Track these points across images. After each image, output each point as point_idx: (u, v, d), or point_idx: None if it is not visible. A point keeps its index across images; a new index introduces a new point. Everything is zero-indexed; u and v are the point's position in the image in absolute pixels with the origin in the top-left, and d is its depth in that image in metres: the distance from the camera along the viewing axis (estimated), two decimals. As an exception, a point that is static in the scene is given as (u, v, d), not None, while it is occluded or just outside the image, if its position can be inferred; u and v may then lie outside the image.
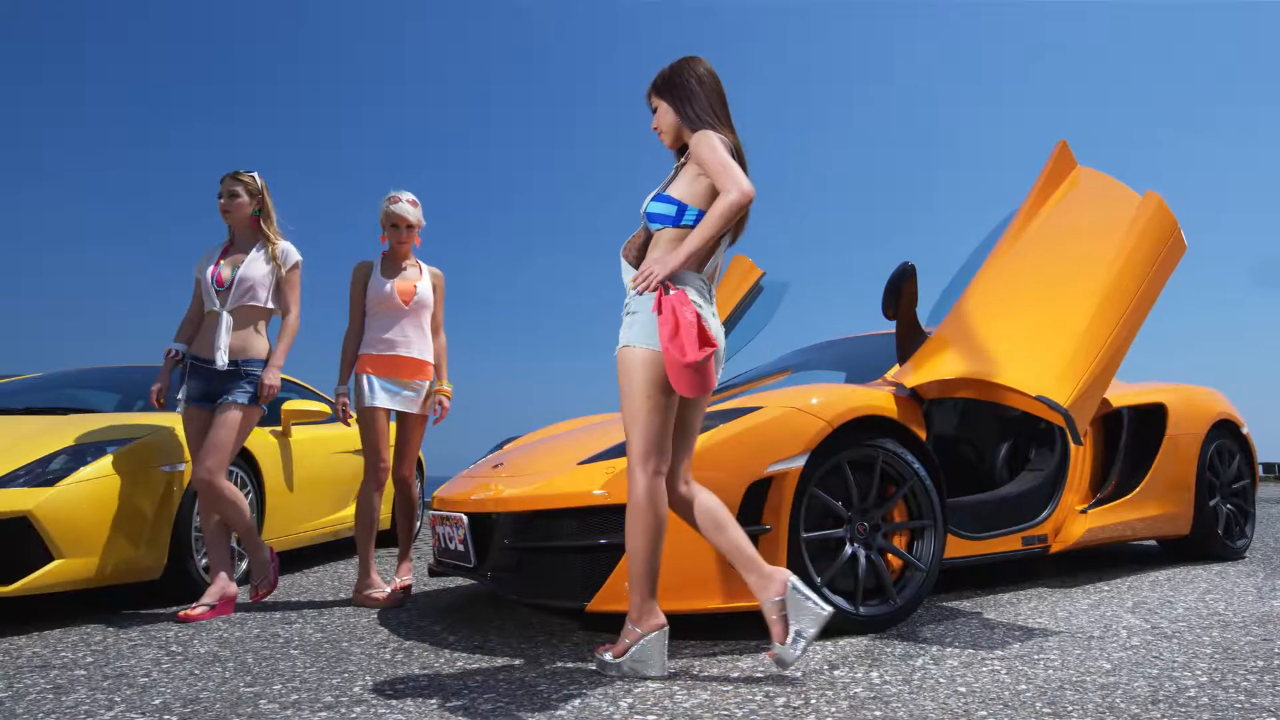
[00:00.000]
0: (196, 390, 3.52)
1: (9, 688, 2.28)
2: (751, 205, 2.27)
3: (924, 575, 2.99)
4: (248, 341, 3.55)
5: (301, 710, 2.03)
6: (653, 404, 2.27)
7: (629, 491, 2.30)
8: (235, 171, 3.67)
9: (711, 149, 2.31)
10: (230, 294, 3.51)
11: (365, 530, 3.72)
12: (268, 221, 3.67)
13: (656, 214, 2.39)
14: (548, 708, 2.03)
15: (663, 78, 2.50)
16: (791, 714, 1.95)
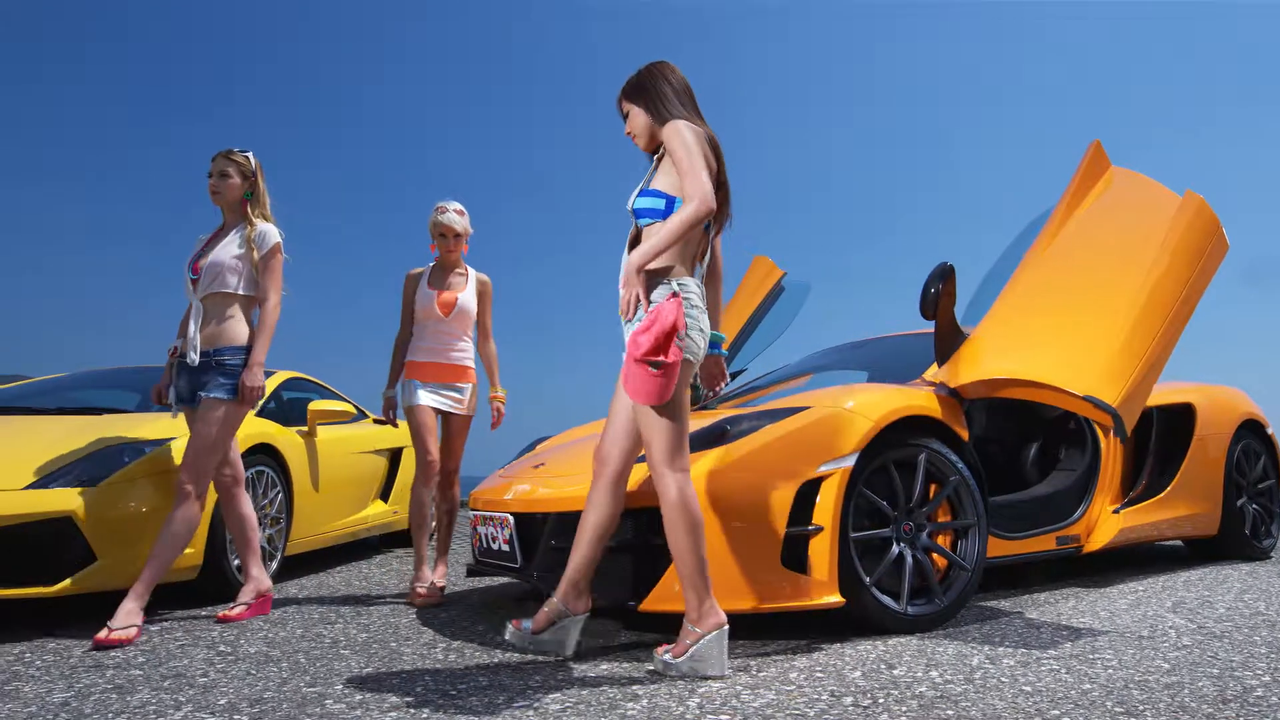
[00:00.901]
0: (184, 389, 3.29)
1: (69, 688, 2.28)
2: (720, 209, 2.40)
3: (969, 575, 3.00)
4: (220, 330, 3.24)
5: (370, 710, 2.03)
6: (668, 404, 2.28)
7: (661, 494, 2.31)
8: (228, 150, 3.37)
9: (684, 145, 2.31)
10: (200, 281, 3.24)
11: (418, 526, 3.82)
12: (255, 205, 3.38)
13: (645, 209, 2.40)
14: (616, 708, 2.03)
15: (631, 84, 2.52)
16: (862, 713, 1.96)
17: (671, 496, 2.28)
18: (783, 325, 5.54)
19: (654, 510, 2.67)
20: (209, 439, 3.14)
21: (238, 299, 3.27)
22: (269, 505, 4.17)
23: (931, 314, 3.44)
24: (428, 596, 3.65)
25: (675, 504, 2.29)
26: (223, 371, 3.20)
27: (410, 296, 3.96)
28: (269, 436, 4.18)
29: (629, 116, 2.54)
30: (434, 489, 3.88)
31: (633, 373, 2.24)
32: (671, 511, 2.29)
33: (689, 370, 2.35)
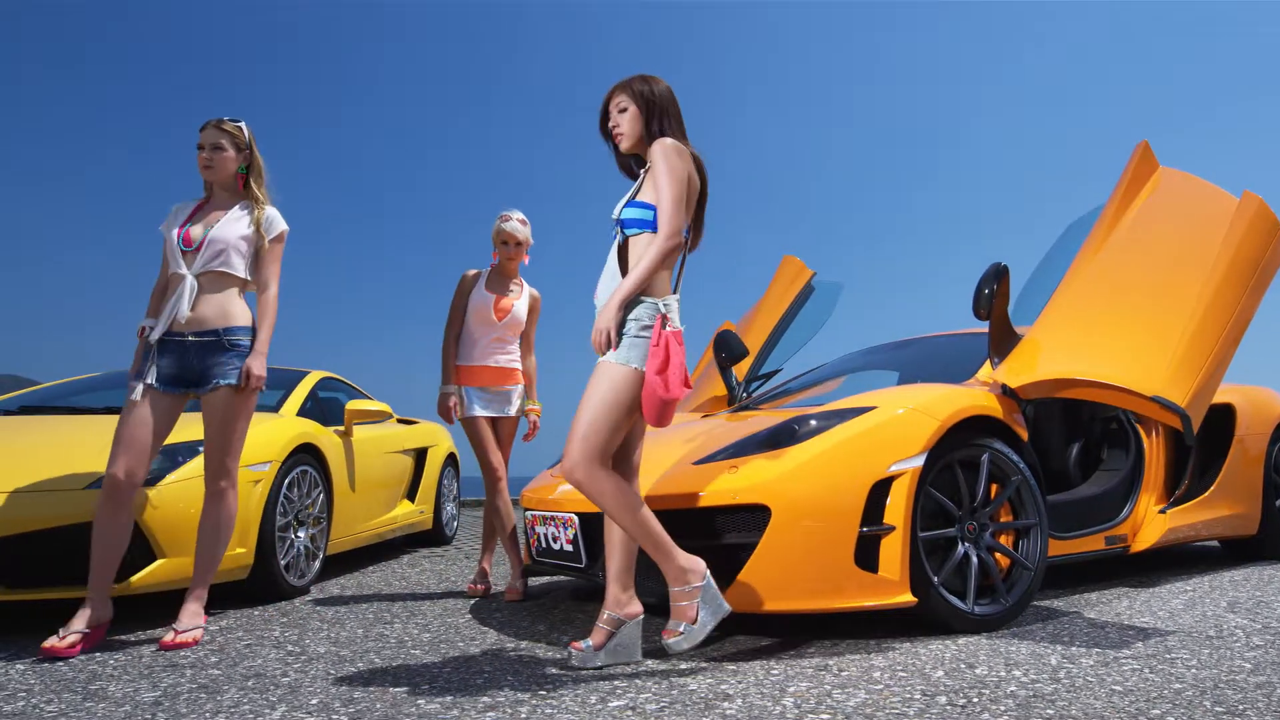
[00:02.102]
0: (168, 370, 2.93)
1: (154, 687, 2.27)
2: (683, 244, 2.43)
3: (1032, 574, 3.00)
4: (226, 307, 3.00)
5: (467, 711, 2.02)
6: (618, 418, 2.32)
7: (598, 492, 2.30)
8: (219, 120, 3.08)
9: (671, 170, 2.38)
10: (199, 255, 2.98)
11: (502, 530, 3.96)
12: (257, 180, 3.14)
13: (633, 220, 2.42)
14: (713, 708, 2.03)
15: (636, 87, 2.53)
16: (960, 713, 1.96)
17: (604, 486, 2.30)
18: (816, 325, 5.55)
19: (732, 509, 2.69)
20: (240, 427, 3.00)
21: (237, 281, 3.06)
22: (311, 505, 4.17)
23: (985, 314, 3.45)
24: (518, 594, 3.78)
25: (616, 487, 2.31)
26: (240, 354, 3.00)
27: (464, 296, 4.01)
28: (311, 436, 4.17)
29: (624, 113, 2.54)
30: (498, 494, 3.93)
31: (655, 408, 2.29)
32: (616, 498, 2.30)
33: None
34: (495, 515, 3.96)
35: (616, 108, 2.55)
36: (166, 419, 2.93)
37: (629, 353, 2.32)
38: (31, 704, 2.12)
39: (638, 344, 2.32)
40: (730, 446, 2.94)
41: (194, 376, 2.96)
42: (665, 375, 2.28)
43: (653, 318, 2.35)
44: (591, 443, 2.28)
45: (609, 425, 2.31)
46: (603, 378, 2.34)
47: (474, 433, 3.93)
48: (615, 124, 2.54)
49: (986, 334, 4.12)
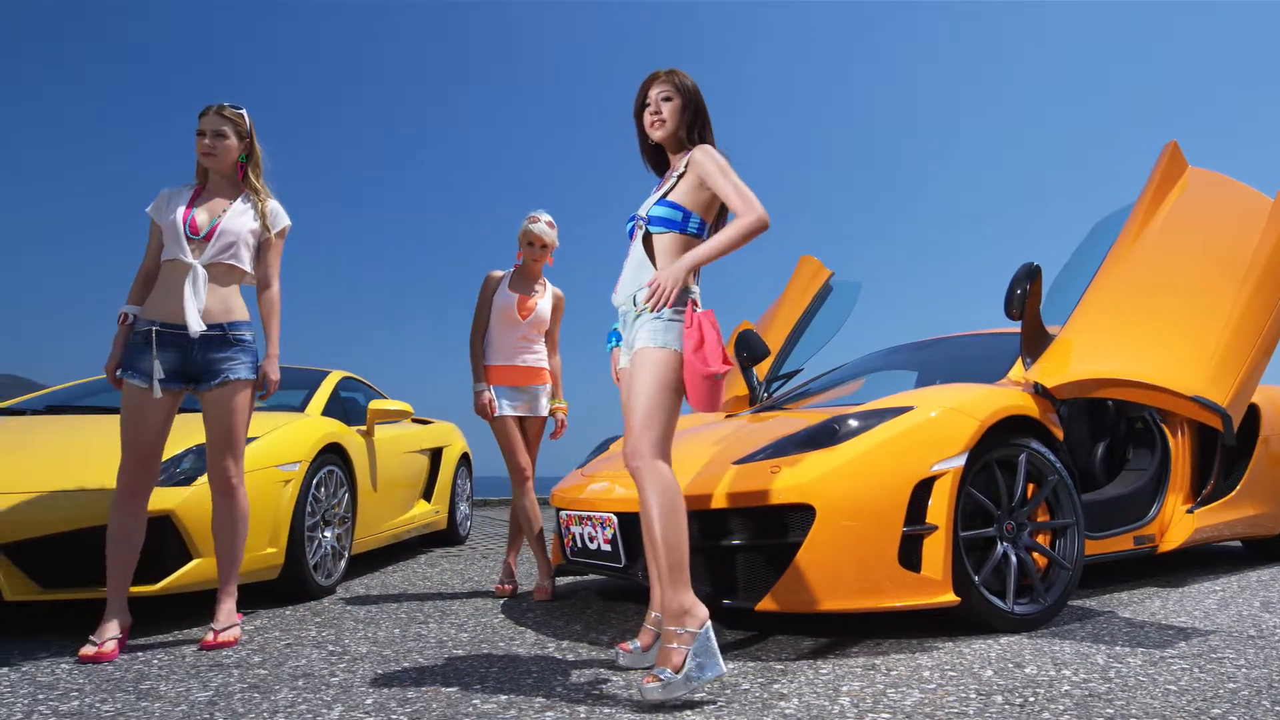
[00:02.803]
0: (167, 367, 2.82)
1: (205, 687, 2.26)
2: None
3: (1069, 574, 3.01)
4: (229, 302, 2.92)
5: (525, 711, 2.02)
6: (672, 401, 2.30)
7: (654, 483, 2.21)
8: (220, 106, 2.97)
9: (724, 166, 2.40)
10: (209, 245, 2.87)
11: (515, 531, 4.00)
12: (256, 170, 3.04)
13: (662, 218, 2.42)
14: (769, 707, 2.03)
15: (680, 81, 2.52)
16: (1019, 712, 1.96)
17: (667, 483, 2.23)
18: (836, 325, 5.56)
19: (777, 509, 2.69)
20: (243, 423, 2.93)
21: (241, 275, 2.98)
22: (337, 505, 4.16)
23: (1018, 314, 3.45)
24: (548, 594, 3.78)
25: (670, 490, 2.22)
26: (244, 349, 2.93)
27: (488, 297, 4.03)
28: (338, 436, 4.17)
29: (668, 101, 2.53)
30: (525, 493, 3.93)
31: (700, 388, 2.28)
32: (668, 499, 2.21)
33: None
34: (522, 515, 3.96)
35: (659, 95, 2.54)
36: (169, 416, 2.86)
37: (665, 336, 2.32)
38: (86, 703, 2.11)
39: (672, 328, 2.32)
40: (769, 446, 2.93)
41: (194, 372, 2.87)
42: (702, 352, 2.28)
43: (683, 303, 2.35)
44: (653, 431, 2.26)
45: (663, 409, 2.29)
46: (644, 367, 2.33)
47: (501, 432, 3.93)
48: (658, 110, 2.53)
49: (1009, 334, 4.14)
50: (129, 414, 2.81)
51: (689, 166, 2.46)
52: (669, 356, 2.31)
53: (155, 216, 2.95)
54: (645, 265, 2.43)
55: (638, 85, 2.61)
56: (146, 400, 2.79)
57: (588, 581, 4.32)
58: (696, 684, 2.05)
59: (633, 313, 2.44)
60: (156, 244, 2.95)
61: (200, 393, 2.89)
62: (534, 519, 3.95)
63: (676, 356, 2.32)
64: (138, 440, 2.79)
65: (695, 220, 2.44)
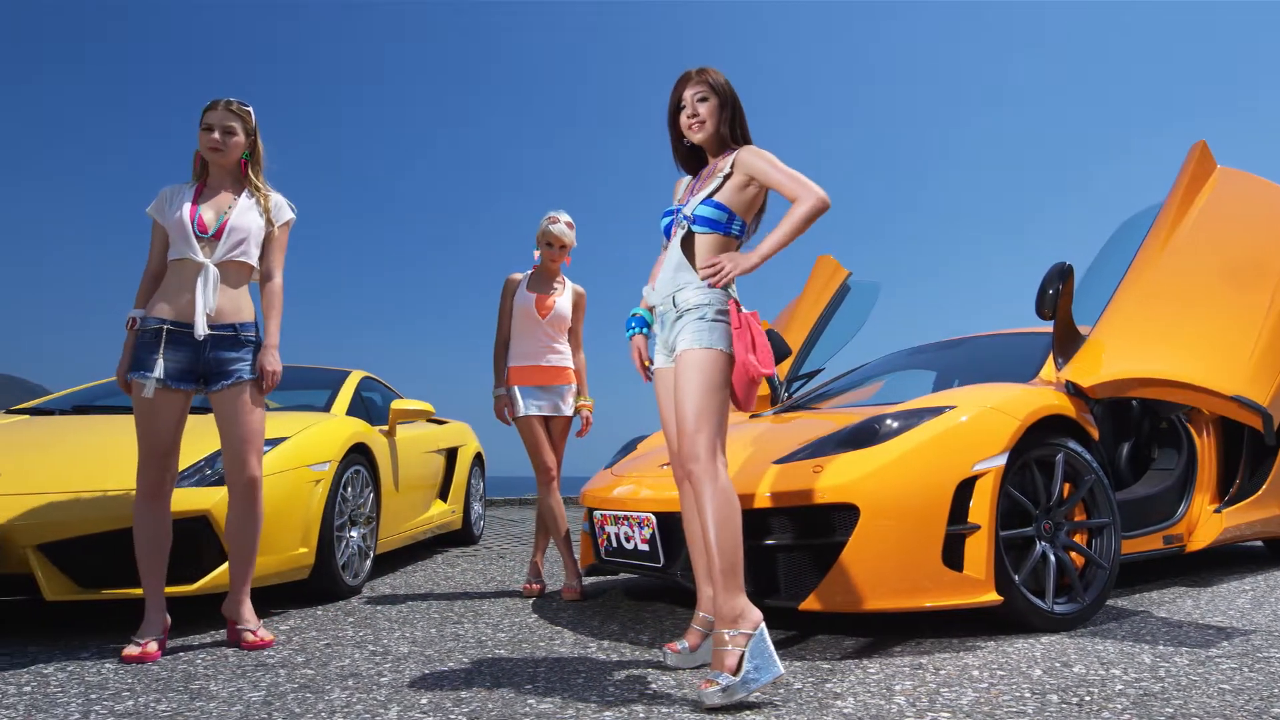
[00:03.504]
0: (177, 365, 2.78)
1: (255, 686, 2.26)
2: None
3: (1107, 573, 3.01)
4: (240, 301, 2.89)
5: (583, 712, 2.02)
6: (721, 400, 2.30)
7: (709, 486, 2.20)
8: (228, 101, 2.93)
9: (771, 163, 2.40)
10: (220, 243, 2.83)
11: (541, 530, 3.99)
12: (256, 168, 3.01)
13: (707, 218, 2.41)
14: (826, 706, 2.03)
15: (714, 79, 2.51)
16: (1077, 711, 1.96)
17: (723, 485, 2.22)
18: (856, 325, 5.57)
19: (822, 508, 2.69)
20: (261, 421, 2.89)
21: (250, 272, 2.95)
22: (363, 505, 4.16)
23: (1050, 314, 3.46)
24: (577, 594, 3.78)
25: (726, 493, 2.22)
26: (254, 349, 2.91)
27: (509, 299, 4.04)
28: (363, 436, 4.17)
29: (705, 102, 2.51)
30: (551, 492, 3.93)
31: (748, 390, 2.31)
32: (723, 501, 2.20)
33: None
34: (549, 515, 3.96)
35: (695, 97, 2.52)
36: (182, 414, 2.82)
37: (710, 336, 2.32)
38: (140, 703, 2.11)
39: (716, 328, 2.32)
40: (808, 446, 2.94)
41: (203, 372, 2.82)
42: (755, 353, 2.29)
43: (725, 303, 2.35)
44: (706, 433, 2.26)
45: (714, 410, 2.28)
46: (691, 368, 2.32)
47: (527, 432, 3.93)
48: (695, 112, 2.52)
49: (1033, 334, 4.15)
50: (143, 414, 2.77)
51: (735, 167, 2.45)
52: (716, 357, 2.31)
53: (157, 216, 2.89)
54: (684, 266, 2.42)
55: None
56: (158, 399, 2.75)
57: (614, 581, 4.32)
58: (755, 687, 2.05)
59: (672, 313, 2.43)
60: (161, 244, 2.90)
61: (211, 393, 2.84)
62: (560, 519, 3.95)
63: (723, 356, 2.31)
64: (154, 440, 2.77)
65: (738, 222, 2.45)
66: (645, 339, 2.60)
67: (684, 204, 2.51)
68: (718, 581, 2.17)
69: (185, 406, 2.85)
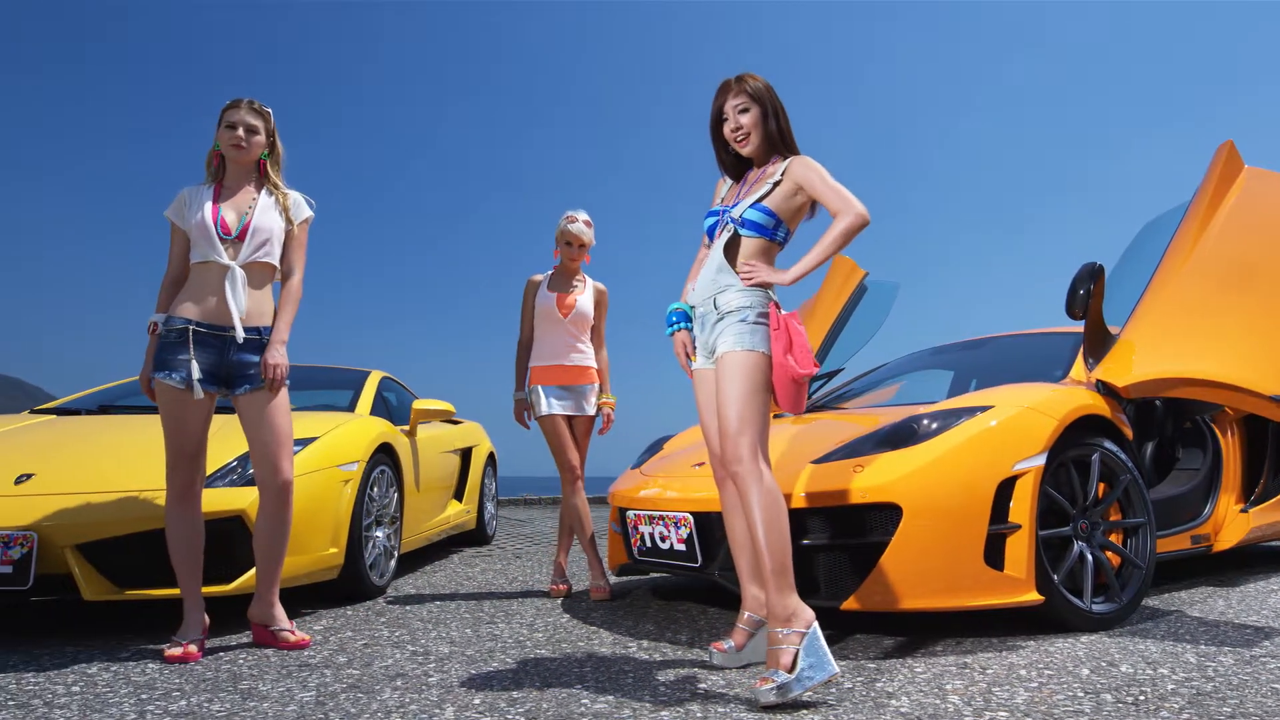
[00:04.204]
0: (202, 367, 2.75)
1: (304, 687, 2.26)
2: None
3: (1143, 572, 3.02)
4: (264, 303, 2.88)
5: (639, 712, 2.02)
6: (763, 402, 2.30)
7: (754, 487, 2.21)
8: (250, 100, 2.92)
9: (821, 176, 2.40)
10: (245, 244, 2.82)
11: (580, 529, 3.93)
12: (275, 166, 2.99)
13: (755, 222, 2.42)
14: (881, 705, 2.03)
15: (754, 88, 2.50)
16: (1133, 709, 1.96)
17: (769, 486, 2.23)
18: (875, 324, 5.55)
19: (853, 509, 2.69)
20: (288, 422, 2.87)
21: (273, 272, 2.93)
22: (388, 505, 4.15)
23: (1081, 314, 3.46)
24: (606, 593, 3.77)
25: (772, 493, 2.23)
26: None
27: (531, 300, 4.05)
28: (389, 436, 4.16)
29: (746, 113, 2.50)
30: (576, 492, 3.93)
31: (789, 391, 2.31)
32: (770, 502, 2.21)
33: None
34: (574, 515, 3.95)
35: (736, 109, 2.52)
36: (208, 414, 2.81)
37: (750, 339, 2.32)
38: (193, 703, 2.10)
39: (757, 330, 2.33)
40: (846, 446, 2.94)
41: (226, 374, 2.80)
42: (792, 354, 2.30)
43: (765, 305, 2.36)
44: (749, 434, 2.26)
45: (756, 412, 2.29)
46: (732, 370, 2.32)
47: (551, 431, 3.92)
48: (739, 126, 2.51)
49: (1056, 333, 4.16)
50: (169, 415, 2.74)
51: (786, 175, 2.45)
52: (757, 359, 2.31)
53: (176, 220, 2.87)
54: (726, 268, 2.42)
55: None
56: (184, 399, 2.72)
57: (639, 581, 4.31)
58: (810, 685, 2.05)
59: (713, 315, 2.43)
60: (181, 248, 2.88)
61: (235, 397, 2.82)
62: (585, 519, 3.94)
63: (764, 359, 2.32)
64: (182, 441, 2.75)
65: (784, 229, 2.45)
66: (688, 334, 2.59)
67: (730, 206, 2.51)
68: (769, 581, 2.17)
69: (211, 407, 2.83)
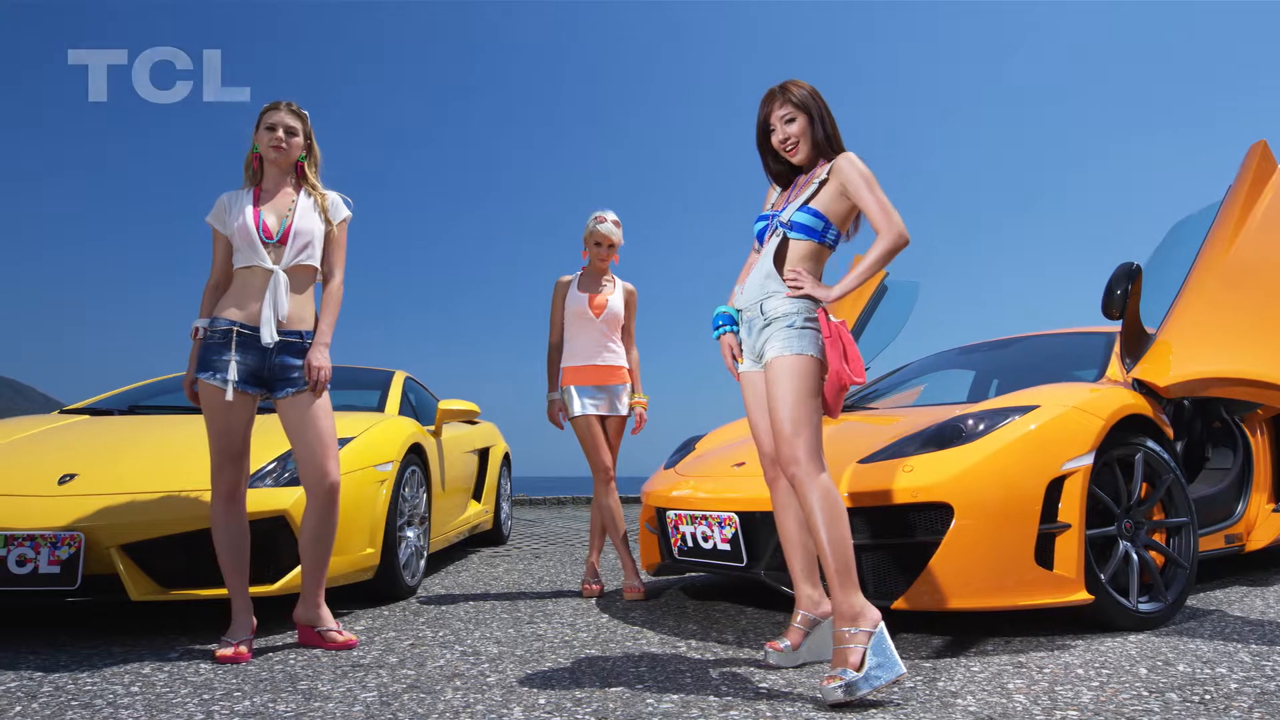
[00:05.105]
0: (245, 369, 2.76)
1: (364, 687, 2.25)
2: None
3: (1187, 572, 3.02)
4: (307, 307, 2.88)
5: (706, 711, 2.01)
6: (816, 405, 2.31)
7: (812, 490, 2.21)
8: (288, 102, 2.92)
9: (868, 179, 2.39)
10: (287, 248, 2.81)
11: (613, 529, 3.93)
12: (313, 167, 2.98)
13: (803, 224, 2.41)
14: (948, 705, 2.03)
15: (799, 96, 2.49)
16: (1201, 708, 1.97)
17: (827, 487, 2.23)
18: (898, 324, 5.55)
19: (903, 508, 2.69)
20: (333, 426, 2.87)
21: (314, 274, 2.93)
22: (418, 505, 4.15)
23: (1119, 313, 3.47)
24: (640, 593, 3.77)
25: (831, 494, 2.23)
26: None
27: (560, 301, 4.05)
28: (419, 437, 4.16)
29: (793, 123, 2.50)
30: (608, 492, 3.93)
31: (838, 397, 2.33)
32: (829, 503, 2.21)
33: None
34: (607, 515, 3.95)
35: (784, 120, 2.50)
36: (252, 414, 2.81)
37: (800, 343, 2.33)
38: (257, 703, 2.10)
39: (805, 334, 2.33)
40: (890, 446, 2.94)
41: (267, 378, 2.80)
42: (847, 362, 2.31)
43: (814, 310, 2.36)
44: (804, 437, 2.26)
45: (810, 414, 2.29)
46: (783, 374, 2.32)
47: (584, 431, 3.92)
48: (787, 136, 2.50)
49: (1084, 333, 4.17)
50: (214, 416, 2.75)
51: (832, 174, 2.44)
52: (808, 363, 2.31)
53: (217, 225, 2.87)
54: (774, 275, 2.42)
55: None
56: (220, 400, 2.73)
57: (669, 581, 4.31)
58: (877, 684, 2.05)
59: (759, 320, 2.43)
60: (223, 253, 2.88)
61: (277, 400, 2.81)
62: (618, 519, 3.94)
63: (814, 362, 2.32)
64: (227, 443, 2.76)
65: (833, 231, 2.44)
66: (735, 337, 2.59)
67: (779, 210, 2.51)
68: (833, 580, 2.18)
69: (254, 409, 2.84)
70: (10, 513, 2.81)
